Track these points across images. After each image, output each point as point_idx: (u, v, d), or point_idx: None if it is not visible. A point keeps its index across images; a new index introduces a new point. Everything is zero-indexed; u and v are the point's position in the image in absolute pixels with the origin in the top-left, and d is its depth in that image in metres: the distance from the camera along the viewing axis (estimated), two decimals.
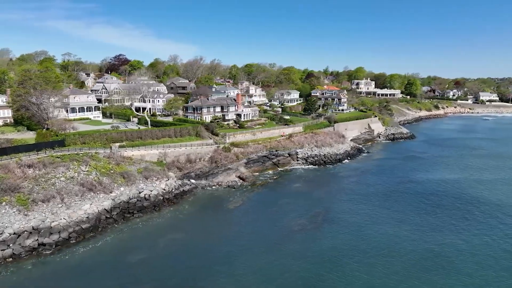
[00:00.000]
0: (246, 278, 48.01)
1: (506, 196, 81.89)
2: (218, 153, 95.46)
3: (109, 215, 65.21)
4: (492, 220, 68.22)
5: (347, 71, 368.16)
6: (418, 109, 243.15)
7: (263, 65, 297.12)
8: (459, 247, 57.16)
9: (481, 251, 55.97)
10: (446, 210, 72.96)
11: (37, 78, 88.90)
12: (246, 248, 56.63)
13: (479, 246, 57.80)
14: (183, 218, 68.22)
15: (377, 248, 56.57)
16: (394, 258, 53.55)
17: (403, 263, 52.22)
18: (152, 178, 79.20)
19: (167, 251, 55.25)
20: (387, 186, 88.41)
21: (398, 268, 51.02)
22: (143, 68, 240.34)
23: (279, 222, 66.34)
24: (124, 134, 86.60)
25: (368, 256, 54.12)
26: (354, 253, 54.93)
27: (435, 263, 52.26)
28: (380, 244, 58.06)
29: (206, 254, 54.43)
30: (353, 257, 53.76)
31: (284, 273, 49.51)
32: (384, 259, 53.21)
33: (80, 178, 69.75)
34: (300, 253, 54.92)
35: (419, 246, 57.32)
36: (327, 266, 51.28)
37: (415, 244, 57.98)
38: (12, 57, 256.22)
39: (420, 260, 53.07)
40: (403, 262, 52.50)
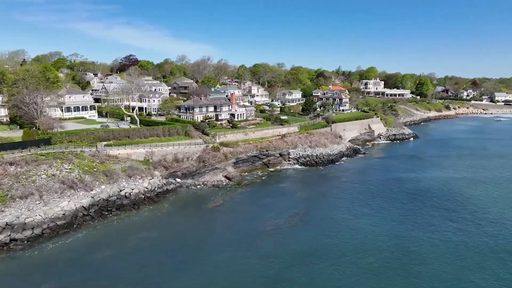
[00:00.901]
0: (207, 277, 48.08)
1: (496, 199, 79.37)
2: (206, 153, 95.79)
3: (87, 212, 66.36)
4: (474, 219, 66.33)
5: (359, 71, 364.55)
6: (427, 110, 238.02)
7: (272, 66, 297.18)
8: (435, 246, 55.85)
9: (453, 250, 54.61)
10: (430, 211, 71.36)
11: (31, 78, 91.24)
12: (215, 247, 56.76)
13: (453, 244, 56.36)
14: (159, 216, 68.84)
15: (348, 249, 55.78)
16: (363, 259, 52.78)
17: (372, 264, 51.42)
18: (135, 177, 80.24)
19: (135, 249, 55.88)
20: (373, 188, 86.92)
21: (364, 268, 50.27)
22: (151, 68, 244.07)
23: (254, 222, 66.18)
24: (111, 133, 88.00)
25: (337, 256, 53.55)
26: (323, 253, 54.38)
27: (405, 266, 51.19)
28: (352, 244, 57.25)
29: (174, 252, 54.82)
30: (321, 257, 53.25)
31: (248, 272, 49.40)
32: (353, 260, 52.49)
33: (62, 176, 71.28)
34: (269, 253, 54.63)
35: (393, 247, 56.30)
36: (294, 266, 50.92)
37: (390, 245, 56.94)
38: (28, 58, 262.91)
39: (392, 261, 52.12)
40: (372, 263, 51.68)
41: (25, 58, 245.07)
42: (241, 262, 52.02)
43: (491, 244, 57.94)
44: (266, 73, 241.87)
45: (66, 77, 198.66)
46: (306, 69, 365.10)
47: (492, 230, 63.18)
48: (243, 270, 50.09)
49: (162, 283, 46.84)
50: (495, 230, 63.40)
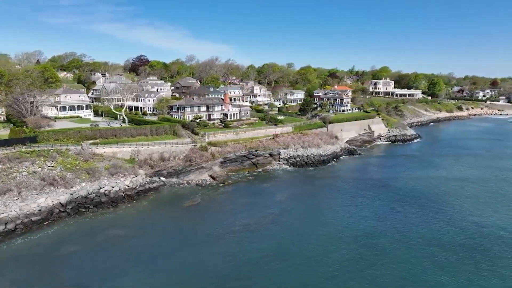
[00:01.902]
0: (161, 275, 48.60)
1: (479, 199, 76.85)
2: (193, 152, 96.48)
3: (63, 209, 68.09)
4: (452, 221, 64.52)
5: (372, 71, 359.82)
6: (437, 110, 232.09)
7: (281, 65, 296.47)
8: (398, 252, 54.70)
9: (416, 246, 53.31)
10: (409, 214, 69.70)
11: (24, 78, 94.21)
12: (178, 245, 57.30)
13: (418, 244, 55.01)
14: (134, 214, 69.90)
15: (309, 251, 55.35)
16: (321, 262, 52.22)
17: (328, 266, 50.78)
18: (118, 175, 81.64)
19: (100, 246, 56.93)
20: (355, 189, 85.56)
21: (319, 271, 49.67)
22: (158, 68, 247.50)
23: (225, 221, 66.33)
24: (98, 132, 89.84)
25: (295, 257, 53.15)
26: (283, 254, 54.05)
27: (364, 271, 50.32)
28: (315, 246, 56.74)
29: (137, 250, 55.62)
30: (280, 258, 52.91)
31: (201, 270, 49.67)
32: (311, 262, 52.05)
33: (43, 173, 73.32)
34: (229, 252, 54.75)
35: (356, 251, 55.42)
36: (249, 267, 50.83)
37: (353, 249, 56.09)
38: (44, 59, 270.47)
39: (350, 264, 51.36)
40: (329, 265, 51.03)
41: (39, 59, 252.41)
42: (198, 261, 52.28)
43: (453, 240, 56.33)
44: (272, 73, 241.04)
45: (74, 77, 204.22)
46: (320, 69, 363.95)
47: (461, 228, 61.35)
48: (197, 268, 50.34)
49: (115, 279, 47.62)
50: (464, 228, 61.52)
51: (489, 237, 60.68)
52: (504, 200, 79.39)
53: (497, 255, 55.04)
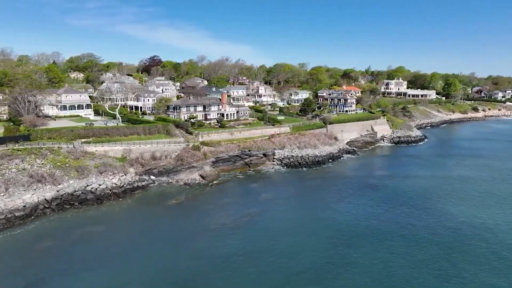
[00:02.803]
0: (121, 273, 49.45)
1: (464, 201, 74.48)
2: (186, 151, 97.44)
3: (48, 205, 70.15)
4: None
5: (387, 70, 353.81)
6: (450, 112, 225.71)
7: (293, 65, 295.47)
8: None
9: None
10: (388, 219, 68.34)
11: (25, 78, 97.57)
12: (151, 243, 58.04)
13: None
14: (116, 211, 71.27)
15: (279, 252, 55.02)
16: (289, 264, 51.86)
17: (293, 268, 50.44)
18: (107, 173, 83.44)
19: (74, 241, 58.33)
20: (343, 191, 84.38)
21: (282, 272, 49.40)
22: (169, 68, 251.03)
23: (202, 220, 66.79)
24: (91, 130, 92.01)
25: (264, 258, 53.00)
26: (252, 255, 53.94)
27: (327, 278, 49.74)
28: (285, 248, 56.34)
29: (108, 246, 56.79)
30: (248, 259, 52.88)
31: (168, 270, 50.20)
32: (279, 264, 51.70)
33: (32, 170, 75.74)
34: (195, 252, 55.06)
35: (323, 257, 54.79)
36: (212, 267, 51.04)
37: (326, 251, 55.47)
38: (62, 60, 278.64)
39: (311, 270, 50.85)
40: (295, 267, 50.68)
41: (55, 60, 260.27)
42: (163, 259, 52.87)
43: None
44: (280, 73, 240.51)
45: (84, 77, 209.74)
46: (335, 69, 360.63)
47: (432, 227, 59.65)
48: (160, 266, 50.91)
49: (80, 274, 48.75)
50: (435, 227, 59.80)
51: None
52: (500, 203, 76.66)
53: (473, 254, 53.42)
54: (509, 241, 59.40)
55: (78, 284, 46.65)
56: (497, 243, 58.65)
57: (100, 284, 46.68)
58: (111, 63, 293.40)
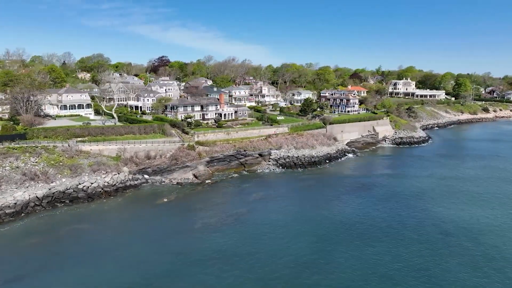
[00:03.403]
0: (97, 270, 50.11)
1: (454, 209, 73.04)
2: (180, 151, 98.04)
3: (39, 203, 71.53)
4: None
5: (397, 70, 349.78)
6: (459, 112, 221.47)
7: (299, 65, 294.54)
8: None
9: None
10: (374, 222, 67.52)
11: (24, 78, 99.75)
12: (132, 241, 58.70)
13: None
14: (105, 210, 72.25)
15: (257, 255, 54.87)
16: (265, 266, 51.73)
17: (268, 271, 50.30)
18: (100, 172, 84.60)
19: (59, 238, 59.55)
20: (334, 192, 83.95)
21: (254, 276, 49.32)
22: (175, 68, 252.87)
23: (188, 220, 67.30)
24: (87, 130, 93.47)
25: (240, 260, 52.95)
26: (229, 257, 53.97)
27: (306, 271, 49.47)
28: (266, 249, 56.23)
29: (92, 245, 57.42)
30: (224, 260, 52.96)
31: (137, 267, 50.65)
32: (254, 266, 51.59)
33: (26, 168, 77.33)
34: (174, 252, 55.39)
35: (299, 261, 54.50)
36: (194, 266, 51.31)
37: (304, 254, 55.16)
38: (74, 60, 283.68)
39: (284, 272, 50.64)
40: (271, 271, 50.53)
41: (65, 60, 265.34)
42: (140, 257, 53.40)
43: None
44: (286, 73, 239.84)
45: (91, 76, 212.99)
46: (345, 69, 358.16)
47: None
48: (138, 265, 51.38)
49: (57, 270, 49.64)
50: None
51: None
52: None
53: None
54: (501, 245, 58.04)
55: (52, 281, 47.41)
56: (484, 245, 57.37)
57: (75, 280, 47.37)
58: (120, 63, 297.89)
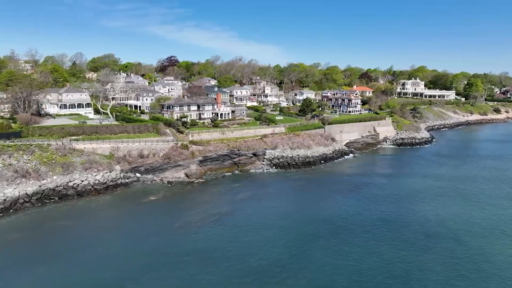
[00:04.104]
0: (70, 266, 51.04)
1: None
2: (174, 150, 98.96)
3: (28, 199, 73.27)
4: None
5: (409, 70, 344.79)
6: (468, 113, 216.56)
7: (307, 65, 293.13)
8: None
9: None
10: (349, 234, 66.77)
11: (23, 78, 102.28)
12: (111, 238, 59.62)
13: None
14: (92, 207, 73.45)
15: (231, 257, 54.84)
16: (241, 265, 51.80)
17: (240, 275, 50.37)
18: (92, 170, 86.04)
19: (41, 234, 60.84)
20: (323, 193, 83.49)
21: (225, 279, 49.43)
22: (181, 68, 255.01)
23: (171, 218, 67.87)
24: (81, 128, 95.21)
25: (213, 263, 53.07)
26: (202, 259, 53.83)
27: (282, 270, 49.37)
28: (241, 251, 56.18)
29: (72, 241, 58.61)
30: (202, 258, 53.19)
31: (116, 265, 51.41)
32: (226, 269, 51.53)
33: (18, 166, 79.25)
34: (154, 249, 55.94)
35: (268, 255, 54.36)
36: (166, 264, 51.79)
37: (277, 256, 55.02)
38: (85, 60, 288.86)
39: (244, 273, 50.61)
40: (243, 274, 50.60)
41: (75, 60, 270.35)
42: (118, 255, 54.09)
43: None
44: (291, 72, 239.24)
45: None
46: (357, 68, 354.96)
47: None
48: (112, 262, 52.12)
49: (32, 265, 50.77)
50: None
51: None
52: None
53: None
54: (484, 247, 56.72)
55: (26, 275, 48.49)
56: (467, 246, 56.14)
57: (48, 275, 48.37)
58: (129, 64, 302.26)
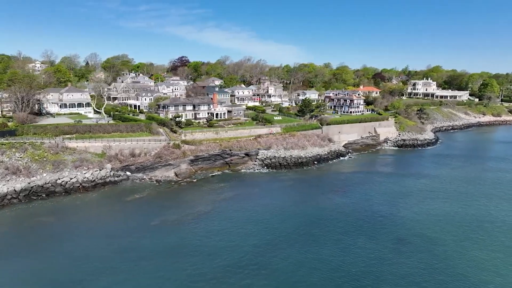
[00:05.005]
0: (39, 261, 52.48)
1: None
2: (166, 149, 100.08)
3: (16, 196, 75.60)
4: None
5: (426, 70, 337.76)
6: (480, 114, 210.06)
7: (318, 65, 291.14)
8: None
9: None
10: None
11: (23, 78, 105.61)
12: (83, 235, 60.93)
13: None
14: (77, 204, 75.00)
15: (197, 256, 55.27)
16: (202, 266, 52.09)
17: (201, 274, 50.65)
18: (82, 168, 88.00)
19: (21, 230, 62.72)
20: (308, 194, 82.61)
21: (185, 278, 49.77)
22: (189, 69, 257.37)
23: (148, 217, 68.45)
24: (75, 127, 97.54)
25: (180, 260, 53.57)
26: (169, 256, 54.61)
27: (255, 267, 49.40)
28: (211, 250, 56.50)
29: (46, 237, 60.28)
30: (166, 258, 53.74)
31: (81, 262, 52.48)
32: (191, 268, 52.03)
33: (10, 163, 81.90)
34: (124, 246, 56.89)
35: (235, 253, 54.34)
36: (130, 261, 52.62)
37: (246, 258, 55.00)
38: (99, 61, 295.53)
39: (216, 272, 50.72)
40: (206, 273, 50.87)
41: (88, 61, 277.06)
42: (91, 251, 55.18)
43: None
44: (298, 73, 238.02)
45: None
46: (372, 68, 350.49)
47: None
48: (84, 258, 53.22)
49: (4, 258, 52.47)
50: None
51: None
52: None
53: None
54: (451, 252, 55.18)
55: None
56: (436, 247, 54.71)
57: (14, 269, 49.86)
58: (141, 64, 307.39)
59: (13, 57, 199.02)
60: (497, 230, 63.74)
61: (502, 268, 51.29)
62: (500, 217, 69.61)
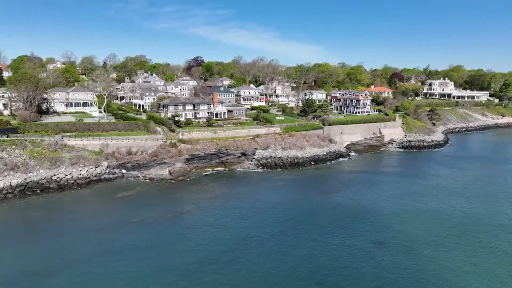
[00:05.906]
0: (22, 254, 54.54)
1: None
2: (162, 148, 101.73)
3: (11, 191, 78.79)
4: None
5: (448, 69, 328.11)
6: (499, 115, 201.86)
7: (333, 65, 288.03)
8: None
9: None
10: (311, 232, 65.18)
11: (30, 78, 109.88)
12: (63, 230, 62.98)
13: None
14: (68, 200, 77.43)
15: (171, 254, 56.03)
16: (173, 264, 52.77)
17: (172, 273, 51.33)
18: (78, 165, 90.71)
19: (10, 224, 65.37)
20: (291, 196, 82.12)
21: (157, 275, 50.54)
22: (201, 68, 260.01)
23: (132, 214, 69.90)
24: (74, 126, 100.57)
25: (154, 256, 54.47)
26: (146, 252, 55.59)
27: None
28: (186, 248, 57.15)
29: (29, 230, 62.57)
30: (141, 255, 54.73)
31: (58, 254, 54.25)
32: (162, 266, 52.81)
33: (9, 159, 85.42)
34: (100, 242, 58.27)
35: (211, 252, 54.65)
36: (103, 256, 53.88)
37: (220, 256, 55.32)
38: (118, 61, 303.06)
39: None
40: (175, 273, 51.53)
41: (107, 62, 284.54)
42: (67, 246, 56.95)
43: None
44: (309, 73, 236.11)
45: (119, 75, 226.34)
46: (392, 67, 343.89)
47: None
48: (60, 252, 54.95)
49: None
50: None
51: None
52: None
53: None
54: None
55: None
56: (411, 255, 53.18)
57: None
58: (157, 64, 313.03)
59: (32, 58, 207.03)
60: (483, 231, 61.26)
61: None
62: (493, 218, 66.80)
